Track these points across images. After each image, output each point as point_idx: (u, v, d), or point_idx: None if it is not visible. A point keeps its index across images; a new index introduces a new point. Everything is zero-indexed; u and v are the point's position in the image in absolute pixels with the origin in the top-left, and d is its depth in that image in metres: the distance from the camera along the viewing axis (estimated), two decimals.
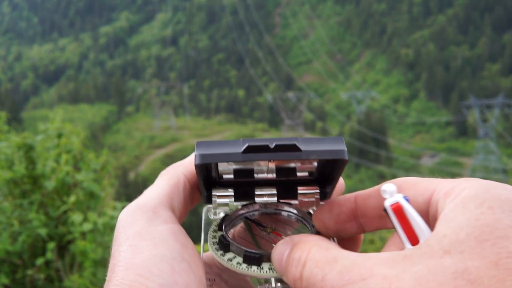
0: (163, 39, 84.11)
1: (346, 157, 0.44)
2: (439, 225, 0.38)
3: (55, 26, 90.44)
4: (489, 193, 0.38)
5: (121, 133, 55.85)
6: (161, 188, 0.48)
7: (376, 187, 0.47)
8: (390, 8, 76.85)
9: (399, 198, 0.41)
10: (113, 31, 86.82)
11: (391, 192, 0.42)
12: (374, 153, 50.02)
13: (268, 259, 0.45)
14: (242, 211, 0.52)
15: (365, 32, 75.53)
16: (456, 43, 67.89)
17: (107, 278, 0.43)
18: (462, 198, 0.39)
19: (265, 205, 0.53)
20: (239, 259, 0.46)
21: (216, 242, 0.48)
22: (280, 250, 0.44)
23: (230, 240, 0.47)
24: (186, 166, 0.50)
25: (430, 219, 0.42)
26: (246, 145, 0.43)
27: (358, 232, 0.49)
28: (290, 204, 0.53)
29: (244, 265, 0.45)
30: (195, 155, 0.44)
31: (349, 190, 0.48)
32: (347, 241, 0.50)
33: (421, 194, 0.43)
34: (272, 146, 0.43)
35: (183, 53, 79.72)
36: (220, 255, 0.47)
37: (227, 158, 0.44)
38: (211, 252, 0.48)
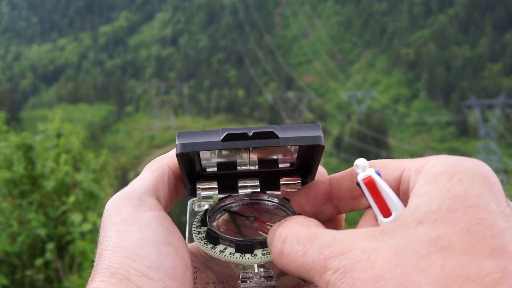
0: (163, 39, 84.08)
1: (323, 142, 0.46)
2: (412, 200, 0.40)
3: (54, 25, 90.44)
4: (458, 167, 0.40)
5: (120, 133, 55.85)
6: (146, 178, 0.49)
7: (349, 169, 0.49)
8: (390, 7, 76.85)
9: (371, 172, 0.43)
10: (113, 30, 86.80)
11: (363, 166, 0.43)
12: (374, 153, 49.98)
13: (260, 246, 0.47)
14: (222, 204, 0.53)
15: (366, 32, 75.53)
16: (457, 43, 67.88)
17: (94, 263, 0.43)
18: (433, 173, 0.41)
19: (241, 196, 0.54)
20: (231, 249, 0.47)
21: (203, 237, 0.49)
22: (272, 231, 0.46)
23: (218, 232, 0.48)
24: (170, 158, 0.51)
25: (401, 196, 0.44)
26: (225, 133, 0.44)
27: (335, 214, 0.51)
28: (265, 193, 0.54)
29: (238, 255, 0.46)
30: (175, 145, 0.46)
31: None
32: (330, 223, 0.51)
33: (392, 173, 0.45)
34: (250, 133, 0.44)
35: (183, 53, 79.69)
36: (211, 248, 0.47)
37: (207, 146, 0.45)
38: (200, 247, 0.48)
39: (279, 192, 0.54)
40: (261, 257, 0.46)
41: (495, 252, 0.35)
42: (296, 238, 0.42)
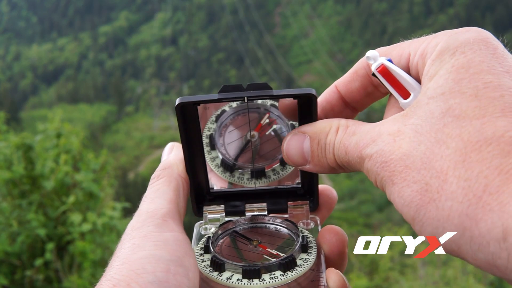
0: (163, 38, 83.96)
1: (315, 93, 0.49)
2: (423, 83, 0.42)
3: (54, 25, 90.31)
4: (458, 40, 0.41)
5: (120, 133, 55.79)
6: (166, 193, 0.49)
7: (350, 71, 0.51)
8: (391, 7, 76.80)
9: (383, 60, 0.46)
10: (113, 30, 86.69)
11: (375, 57, 0.47)
12: None
13: (266, 270, 0.46)
14: (224, 230, 0.53)
15: (366, 32, 75.49)
16: None
17: (103, 274, 0.44)
18: (437, 53, 0.42)
19: (243, 220, 0.53)
20: (238, 275, 0.46)
21: (208, 265, 0.48)
22: (297, 142, 0.48)
23: (223, 259, 0.47)
24: (179, 166, 0.52)
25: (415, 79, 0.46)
26: (222, 86, 0.46)
27: (354, 115, 0.53)
28: (263, 216, 0.53)
29: (245, 281, 0.45)
30: (176, 101, 0.47)
31: (351, 190, 0.49)
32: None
33: (398, 61, 0.47)
34: (245, 86, 0.47)
35: (182, 52, 79.58)
36: (217, 276, 0.46)
37: (204, 98, 0.49)
38: (206, 275, 0.47)
39: (287, 215, 0.53)
40: (269, 282, 0.45)
41: (506, 110, 0.35)
42: (339, 142, 0.45)
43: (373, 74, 0.46)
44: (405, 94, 0.45)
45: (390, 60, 0.46)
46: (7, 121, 4.27)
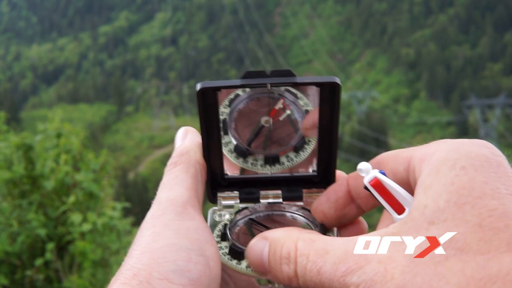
0: (163, 38, 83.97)
1: (339, 81, 0.47)
2: (417, 194, 0.39)
3: (54, 25, 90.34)
4: (459, 153, 0.38)
5: (120, 133, 55.86)
6: (185, 181, 0.48)
7: None
8: (391, 7, 76.80)
9: (375, 173, 0.43)
10: (113, 30, 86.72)
11: (367, 169, 0.44)
12: (375, 153, 49.77)
13: None
14: (241, 217, 0.52)
15: (366, 32, 75.48)
16: (457, 43, 67.84)
17: (123, 263, 0.43)
18: (434, 162, 0.39)
19: (259, 207, 0.53)
20: None
21: (226, 252, 0.48)
22: (257, 249, 0.44)
23: (242, 247, 0.47)
24: (196, 151, 0.51)
25: (412, 187, 0.43)
26: (245, 71, 0.46)
27: (358, 214, 0.50)
28: (280, 204, 0.53)
29: None
30: (196, 85, 0.47)
31: None
32: (353, 226, 0.50)
33: (401, 164, 0.44)
34: (268, 72, 0.46)
35: (182, 52, 79.58)
36: (236, 264, 0.46)
37: (226, 83, 0.47)
38: (225, 263, 0.47)
39: (302, 203, 0.53)
40: None
41: None
42: (306, 257, 0.40)
43: (365, 187, 0.44)
44: (399, 209, 0.42)
45: (383, 173, 0.43)
46: (7, 121, 4.27)
